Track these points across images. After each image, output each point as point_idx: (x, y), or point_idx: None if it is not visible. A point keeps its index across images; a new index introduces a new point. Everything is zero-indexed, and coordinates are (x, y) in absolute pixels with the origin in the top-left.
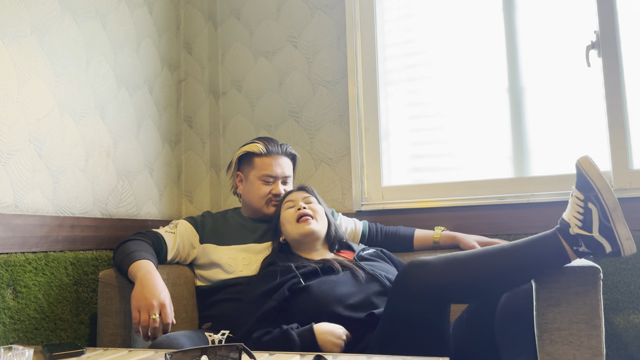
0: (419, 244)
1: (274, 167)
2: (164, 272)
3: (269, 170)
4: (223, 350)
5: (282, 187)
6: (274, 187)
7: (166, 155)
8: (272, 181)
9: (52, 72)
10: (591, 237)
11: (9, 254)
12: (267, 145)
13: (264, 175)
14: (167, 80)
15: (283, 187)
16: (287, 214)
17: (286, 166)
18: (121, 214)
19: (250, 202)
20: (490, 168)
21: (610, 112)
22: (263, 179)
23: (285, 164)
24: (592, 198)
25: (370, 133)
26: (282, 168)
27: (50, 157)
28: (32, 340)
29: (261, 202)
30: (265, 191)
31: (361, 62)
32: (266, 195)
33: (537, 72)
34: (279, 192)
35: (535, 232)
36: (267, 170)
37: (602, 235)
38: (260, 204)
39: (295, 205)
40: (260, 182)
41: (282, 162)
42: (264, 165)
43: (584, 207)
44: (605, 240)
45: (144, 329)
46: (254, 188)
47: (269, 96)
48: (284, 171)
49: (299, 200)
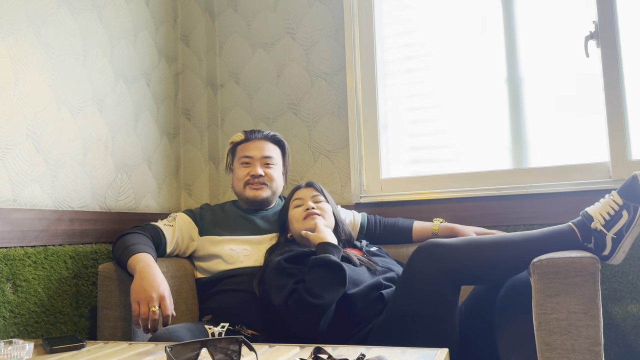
0: (418, 235)
1: (252, 150)
2: (163, 265)
3: (245, 151)
4: (223, 342)
5: (260, 169)
6: (252, 169)
7: (164, 148)
8: (248, 162)
9: (49, 66)
10: (605, 235)
11: (8, 248)
12: (247, 133)
13: (241, 158)
14: (164, 73)
15: (264, 169)
16: (295, 212)
17: (266, 148)
18: (120, 207)
19: (235, 189)
20: (489, 159)
21: (609, 102)
22: (241, 161)
23: (264, 146)
24: (632, 209)
25: (369, 125)
26: (260, 150)
27: (48, 151)
28: (32, 334)
29: (240, 185)
30: (244, 173)
31: (359, 54)
32: (244, 178)
33: (535, 62)
34: (256, 172)
35: (534, 223)
36: (243, 152)
37: (612, 239)
38: (239, 187)
39: (304, 205)
40: (239, 165)
41: (260, 144)
42: (242, 149)
43: (617, 211)
44: (611, 244)
45: (144, 322)
46: (235, 174)
47: (267, 88)
48: (262, 152)
49: (307, 199)
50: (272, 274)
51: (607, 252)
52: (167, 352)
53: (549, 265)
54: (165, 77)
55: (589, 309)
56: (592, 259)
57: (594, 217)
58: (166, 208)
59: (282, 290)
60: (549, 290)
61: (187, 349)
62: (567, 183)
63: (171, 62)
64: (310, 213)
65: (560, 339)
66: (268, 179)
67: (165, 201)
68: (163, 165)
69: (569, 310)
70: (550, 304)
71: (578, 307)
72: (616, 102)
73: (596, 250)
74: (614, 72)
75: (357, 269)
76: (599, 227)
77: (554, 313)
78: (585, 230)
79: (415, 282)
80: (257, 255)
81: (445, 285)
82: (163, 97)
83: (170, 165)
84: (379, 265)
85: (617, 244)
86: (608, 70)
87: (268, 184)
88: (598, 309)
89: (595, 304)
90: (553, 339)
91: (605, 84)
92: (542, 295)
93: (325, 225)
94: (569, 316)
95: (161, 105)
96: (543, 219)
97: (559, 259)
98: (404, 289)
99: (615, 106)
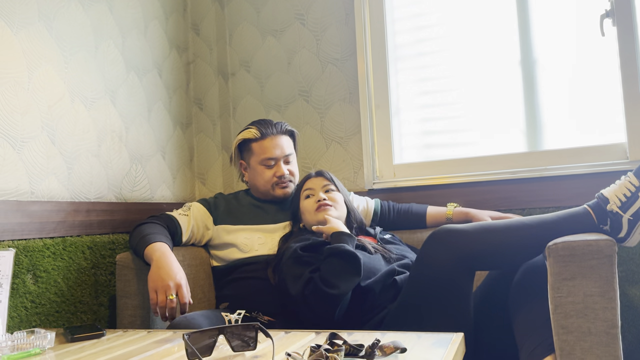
0: (432, 220)
1: (273, 149)
2: (179, 253)
3: (268, 154)
4: (240, 329)
5: (285, 168)
6: (277, 170)
7: (178, 138)
8: (273, 164)
9: (62, 58)
10: (621, 217)
11: (27, 240)
12: (261, 128)
13: (264, 160)
14: (175, 63)
15: (286, 167)
16: (307, 203)
17: (285, 145)
18: (135, 197)
19: (258, 188)
20: (503, 143)
21: (626, 82)
22: (264, 163)
23: (283, 143)
24: None
25: (381, 110)
26: (281, 148)
27: (64, 143)
28: (53, 324)
29: (267, 186)
30: (269, 175)
31: (370, 38)
32: (271, 179)
33: (550, 43)
34: (283, 173)
35: (550, 206)
36: (265, 154)
37: (629, 221)
38: (266, 188)
39: (315, 195)
40: (262, 166)
41: (279, 142)
42: (262, 150)
43: (633, 192)
44: (627, 226)
45: (162, 310)
46: (257, 174)
47: (278, 76)
48: (283, 151)
49: (318, 189)
50: (289, 262)
51: (623, 234)
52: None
53: (565, 248)
54: (176, 67)
55: (606, 292)
56: (609, 242)
57: (609, 199)
58: (181, 197)
59: (299, 279)
60: (565, 273)
61: (205, 336)
62: (583, 165)
63: (182, 52)
64: (322, 204)
65: (576, 322)
66: (292, 176)
67: (180, 191)
68: (177, 155)
69: (585, 293)
70: (567, 287)
71: (594, 290)
72: (633, 81)
73: (612, 233)
74: (630, 51)
75: (372, 257)
76: (615, 209)
77: (570, 296)
78: (601, 212)
79: (429, 269)
80: (271, 243)
81: (459, 271)
82: (175, 87)
83: (184, 155)
84: (394, 253)
85: (634, 225)
86: (624, 49)
87: (293, 180)
88: (615, 292)
89: (612, 287)
90: (569, 322)
91: (621, 63)
92: (558, 278)
93: (336, 217)
94: (585, 299)
95: (173, 95)
96: (559, 201)
97: (575, 241)
98: (418, 275)
99: (632, 85)
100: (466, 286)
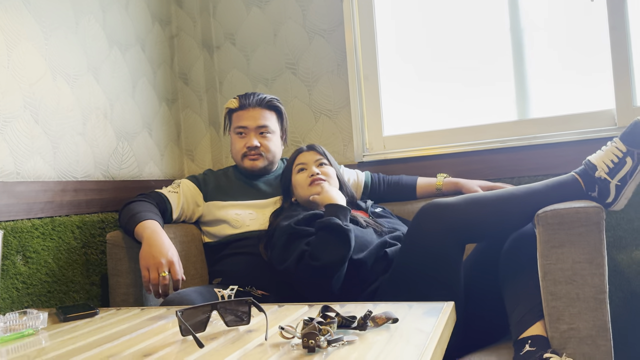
0: (422, 191)
1: (245, 118)
2: (170, 230)
3: (239, 121)
4: (233, 304)
5: (256, 140)
6: (247, 140)
7: (164, 114)
8: (244, 133)
9: (41, 35)
10: (609, 183)
11: (15, 221)
12: (242, 99)
13: (236, 128)
14: (159, 37)
15: (259, 140)
16: (299, 177)
17: (261, 117)
18: (123, 175)
19: (233, 158)
20: (493, 112)
21: (614, 47)
22: (237, 131)
23: (259, 115)
24: (635, 155)
25: (370, 82)
26: (254, 119)
27: (47, 122)
28: (45, 304)
29: (238, 157)
30: (241, 144)
31: (357, 7)
32: (241, 149)
33: (538, 9)
34: (252, 144)
35: (539, 174)
36: (238, 121)
37: (616, 186)
38: (237, 157)
39: (308, 170)
40: (235, 135)
41: (255, 113)
42: (238, 119)
43: (620, 158)
44: (614, 191)
45: (155, 287)
46: (232, 144)
47: (264, 48)
48: (257, 122)
49: (311, 163)
50: (283, 239)
51: (610, 199)
52: (178, 316)
53: (554, 216)
54: (159, 41)
55: (594, 258)
56: (597, 209)
57: (597, 165)
58: (170, 174)
59: (292, 254)
60: (553, 241)
61: (198, 312)
62: (571, 132)
63: (165, 26)
64: (315, 179)
65: (565, 288)
66: (264, 150)
67: (168, 167)
68: (164, 132)
69: (574, 260)
70: (555, 254)
71: (583, 257)
72: (622, 46)
73: (600, 199)
74: (620, 16)
75: (364, 231)
76: (603, 175)
77: (558, 263)
78: (588, 179)
79: (420, 242)
80: (262, 219)
81: (450, 245)
82: (159, 62)
83: (171, 132)
84: (385, 227)
85: (620, 190)
86: (613, 14)
87: (264, 155)
88: (603, 258)
89: (600, 253)
90: (558, 289)
91: (610, 28)
92: (547, 246)
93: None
94: (573, 266)
95: (157, 70)
96: (548, 169)
97: (563, 209)
98: (409, 248)
99: (620, 51)
100: (456, 258)
